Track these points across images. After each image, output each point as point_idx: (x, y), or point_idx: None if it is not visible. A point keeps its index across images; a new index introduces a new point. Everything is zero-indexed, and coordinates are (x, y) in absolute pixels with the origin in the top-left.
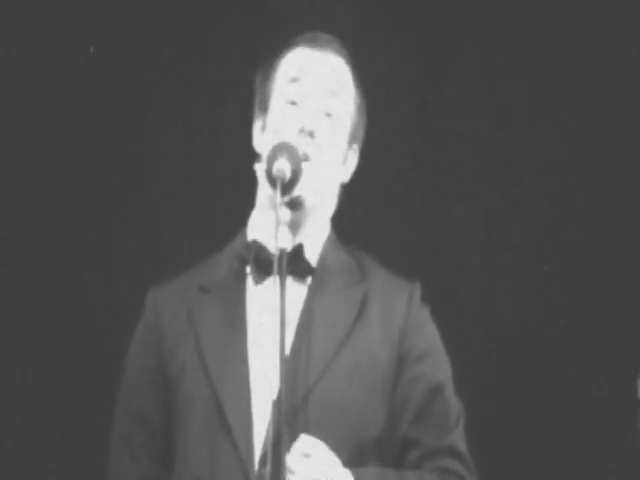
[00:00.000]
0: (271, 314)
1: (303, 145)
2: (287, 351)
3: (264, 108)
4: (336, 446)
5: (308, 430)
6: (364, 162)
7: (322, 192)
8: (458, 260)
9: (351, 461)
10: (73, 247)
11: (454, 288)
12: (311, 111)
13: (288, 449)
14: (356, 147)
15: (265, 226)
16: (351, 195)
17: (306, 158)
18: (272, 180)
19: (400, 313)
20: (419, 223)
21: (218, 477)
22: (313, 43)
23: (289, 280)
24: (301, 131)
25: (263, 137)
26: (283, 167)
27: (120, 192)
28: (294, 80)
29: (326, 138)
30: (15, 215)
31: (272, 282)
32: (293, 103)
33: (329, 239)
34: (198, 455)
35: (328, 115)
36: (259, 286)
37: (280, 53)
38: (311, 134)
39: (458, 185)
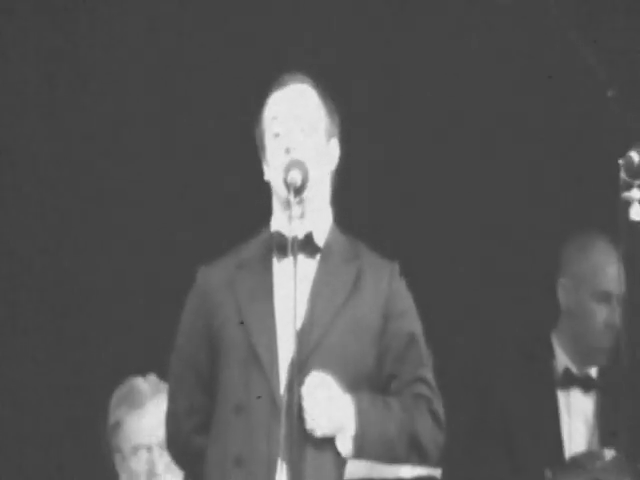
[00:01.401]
0: (290, 283)
1: (295, 169)
2: (302, 311)
3: (263, 146)
4: (337, 382)
5: (317, 369)
6: (352, 157)
7: (314, 177)
8: (432, 243)
9: (348, 392)
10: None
11: (428, 267)
12: (290, 134)
13: (302, 382)
14: (334, 140)
15: (283, 220)
16: (344, 189)
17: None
18: (287, 186)
19: (384, 284)
20: (403, 213)
21: (252, 403)
22: (282, 83)
23: (302, 258)
24: (286, 151)
25: (267, 169)
26: (295, 177)
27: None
28: (274, 118)
29: (305, 146)
30: (60, 203)
31: (290, 260)
32: (277, 135)
33: (332, 227)
34: (237, 386)
35: (303, 130)
36: (281, 263)
37: (267, 97)
38: (294, 150)
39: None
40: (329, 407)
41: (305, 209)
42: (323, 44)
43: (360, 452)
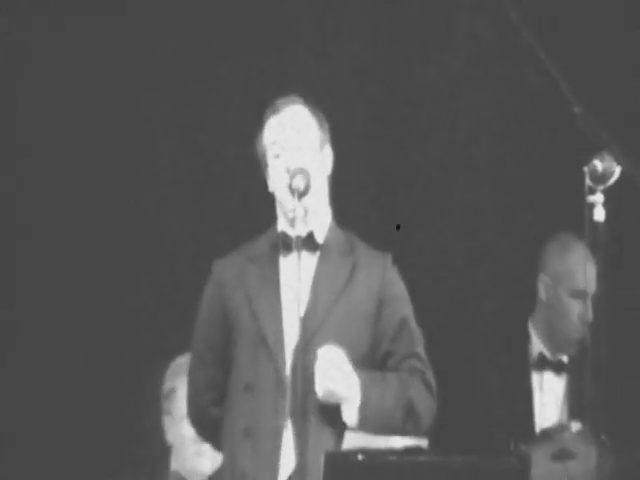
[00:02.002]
0: (294, 275)
1: (299, 175)
2: (304, 300)
3: (265, 164)
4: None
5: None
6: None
7: (313, 183)
8: (424, 239)
9: None
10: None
11: (419, 259)
12: (288, 154)
13: (306, 363)
14: (327, 146)
15: (287, 221)
16: (339, 191)
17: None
18: (292, 191)
19: (378, 273)
20: (398, 210)
21: (261, 381)
22: (276, 109)
23: (305, 253)
24: (287, 171)
25: (270, 181)
26: (299, 182)
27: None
28: (274, 143)
29: (302, 162)
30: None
31: (294, 255)
32: (277, 156)
33: (331, 225)
34: (247, 366)
35: (299, 148)
36: (286, 259)
37: (264, 122)
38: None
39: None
40: (339, 377)
41: (308, 211)
42: (320, 58)
43: (364, 421)
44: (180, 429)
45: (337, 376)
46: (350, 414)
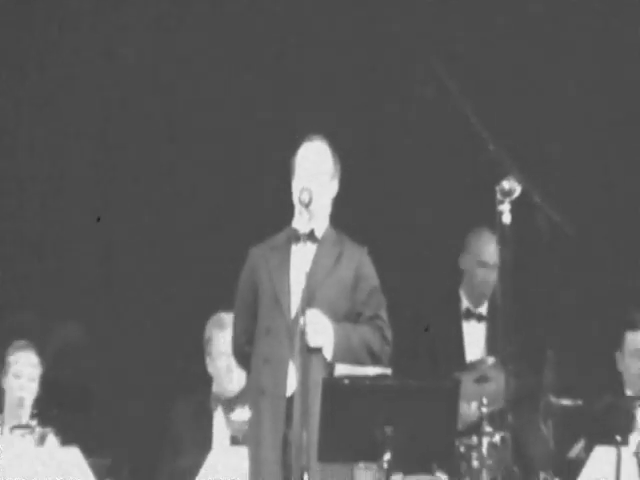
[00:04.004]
0: (300, 258)
1: (305, 192)
2: (306, 274)
3: (293, 175)
4: (325, 315)
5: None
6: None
7: (320, 201)
8: (387, 238)
9: (331, 321)
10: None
11: (385, 251)
12: (309, 177)
13: (305, 315)
14: (335, 180)
15: (298, 222)
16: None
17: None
18: (300, 202)
19: (357, 259)
20: (370, 219)
21: (274, 326)
22: (311, 139)
23: (308, 244)
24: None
25: (294, 187)
26: (304, 197)
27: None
28: (299, 164)
29: (317, 184)
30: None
31: (302, 245)
32: (300, 176)
33: (327, 227)
34: (266, 317)
35: (319, 172)
36: (296, 247)
37: (300, 145)
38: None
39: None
40: (319, 328)
41: (312, 216)
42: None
43: (337, 356)
44: (216, 365)
45: (318, 328)
46: (327, 352)
